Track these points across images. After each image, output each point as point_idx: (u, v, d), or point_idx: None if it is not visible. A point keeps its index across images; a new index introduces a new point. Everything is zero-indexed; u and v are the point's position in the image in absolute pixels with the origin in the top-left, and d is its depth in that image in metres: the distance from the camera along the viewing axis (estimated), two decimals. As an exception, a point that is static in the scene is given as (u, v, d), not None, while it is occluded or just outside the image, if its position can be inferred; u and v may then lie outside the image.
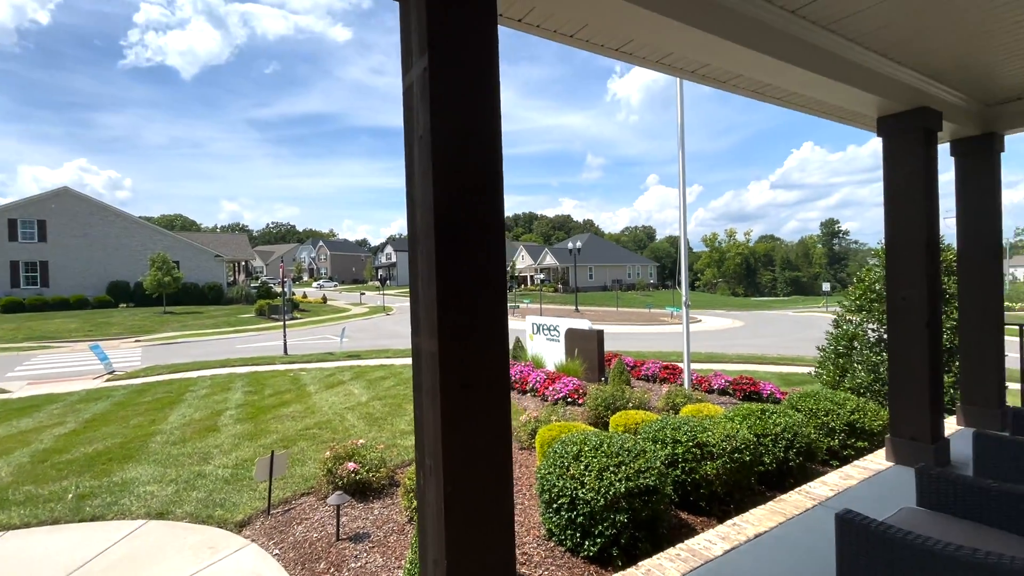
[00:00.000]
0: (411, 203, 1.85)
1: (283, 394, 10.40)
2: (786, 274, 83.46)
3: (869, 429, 5.13)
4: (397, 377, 11.92)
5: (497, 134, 1.79)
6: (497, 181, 1.78)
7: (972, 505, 2.14)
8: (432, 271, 1.68)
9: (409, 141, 1.85)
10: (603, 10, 2.31)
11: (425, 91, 1.68)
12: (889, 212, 4.06)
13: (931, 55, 3.60)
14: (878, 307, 6.41)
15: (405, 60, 1.86)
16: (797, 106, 4.14)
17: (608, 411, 6.68)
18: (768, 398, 8.43)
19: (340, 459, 4.73)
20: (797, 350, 17.76)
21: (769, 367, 13.87)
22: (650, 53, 3.11)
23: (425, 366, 1.79)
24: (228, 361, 15.20)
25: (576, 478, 3.55)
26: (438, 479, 1.72)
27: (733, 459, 4.14)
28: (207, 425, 8.02)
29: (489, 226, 1.76)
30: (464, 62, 1.72)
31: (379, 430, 7.39)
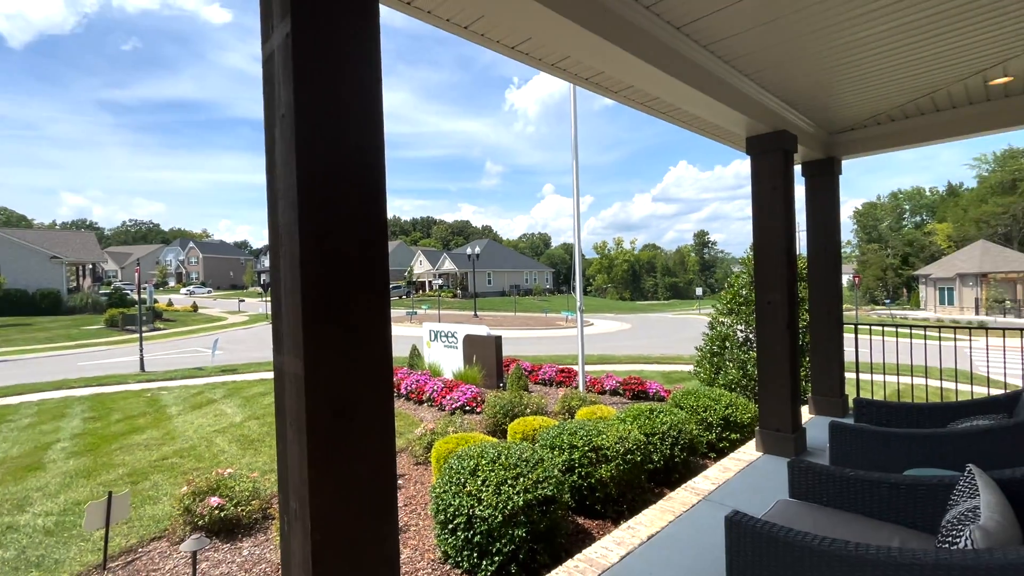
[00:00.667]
0: (272, 196, 1.54)
1: (135, 419, 8.93)
2: (666, 280, 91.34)
3: (741, 422, 5.60)
4: (280, 392, 10.85)
5: (378, 114, 1.55)
6: (378, 168, 1.54)
7: (835, 494, 2.32)
8: (296, 276, 1.40)
9: (270, 122, 1.54)
10: (500, 3, 2.18)
11: (288, 61, 1.40)
12: (756, 225, 4.45)
13: (789, 84, 3.99)
14: (745, 310, 7.10)
15: (265, 25, 1.55)
16: (681, 122, 4.39)
17: (507, 418, 6.61)
18: (654, 396, 8.97)
19: (201, 494, 4.06)
20: (676, 349, 19.35)
21: (654, 366, 14.89)
22: (547, 55, 3.05)
23: (289, 391, 1.49)
24: (66, 382, 12.80)
25: (473, 495, 3.37)
26: (304, 525, 1.43)
27: (626, 460, 4.24)
28: (28, 463, 6.58)
29: (368, 221, 1.52)
30: (338, 28, 1.46)
31: (255, 454, 6.59)
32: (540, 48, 2.98)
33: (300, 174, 1.38)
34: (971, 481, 1.87)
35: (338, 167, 1.46)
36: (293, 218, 1.41)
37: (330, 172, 1.44)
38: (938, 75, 3.91)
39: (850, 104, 4.53)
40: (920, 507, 2.08)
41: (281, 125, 1.46)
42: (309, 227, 1.40)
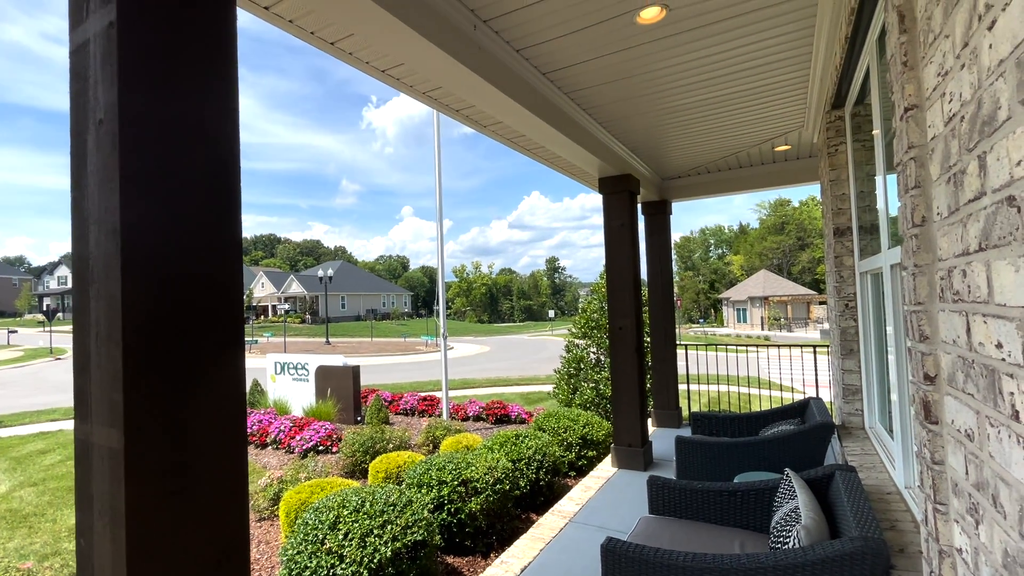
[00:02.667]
0: (80, 220, 1.21)
1: None
2: (521, 303, 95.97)
3: (596, 439, 5.99)
4: (67, 448, 8.71)
5: (233, 127, 1.32)
6: (231, 187, 1.29)
7: (686, 505, 2.56)
8: (116, 323, 1.10)
9: (79, 126, 1.22)
10: (370, 21, 2.07)
11: (111, 54, 1.12)
12: (608, 257, 4.89)
13: (631, 135, 4.51)
14: (597, 334, 7.73)
15: (76, 8, 1.24)
16: (542, 159, 4.66)
17: (367, 456, 6.16)
18: (516, 419, 9.20)
19: (-62, 605, 2.98)
20: (534, 370, 20.26)
21: (514, 388, 15.35)
22: (419, 82, 3.00)
23: (99, 470, 1.15)
24: None
25: (334, 552, 3.02)
26: (119, 648, 1.10)
27: (496, 491, 4.22)
28: None
29: (218, 255, 1.27)
30: (179, 21, 1.22)
31: (29, 533, 5.13)
32: (412, 75, 2.91)
33: (125, 193, 1.10)
34: (788, 484, 2.21)
35: (177, 189, 1.20)
36: (112, 248, 1.11)
37: (167, 192, 1.18)
38: (741, 140, 4.77)
39: (677, 157, 5.28)
40: (753, 510, 2.40)
41: (97, 132, 1.16)
42: (136, 261, 1.12)
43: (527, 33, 2.71)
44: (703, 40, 2.87)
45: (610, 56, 3.02)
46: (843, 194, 3.53)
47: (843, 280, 3.53)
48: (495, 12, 2.50)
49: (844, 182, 3.53)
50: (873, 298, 3.14)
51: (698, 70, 3.27)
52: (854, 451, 2.99)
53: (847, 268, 3.52)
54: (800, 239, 64.01)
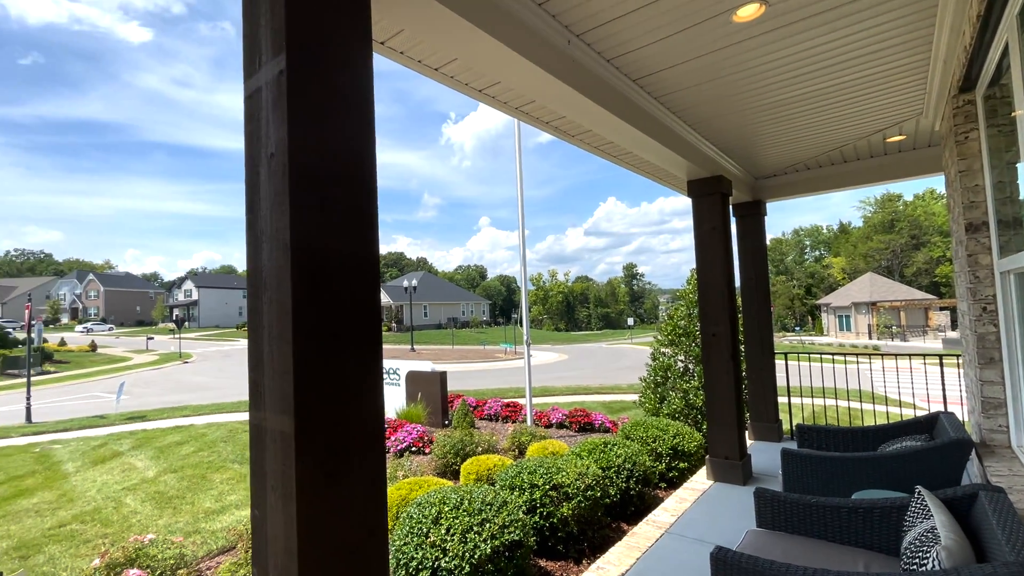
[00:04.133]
0: (255, 238, 1.44)
1: (21, 479, 7.73)
2: (598, 310, 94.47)
3: (688, 451, 5.78)
4: (199, 441, 9.87)
5: (371, 154, 1.51)
6: (371, 211, 1.49)
7: (799, 521, 2.43)
8: (287, 326, 1.29)
9: (253, 161, 1.45)
10: (476, 47, 2.22)
11: (281, 98, 1.33)
12: (699, 262, 4.74)
13: (723, 135, 4.36)
14: (685, 341, 7.46)
15: (250, 61, 1.48)
16: (629, 164, 4.64)
17: (457, 458, 6.40)
18: (600, 428, 9.09)
19: (116, 567, 3.54)
20: (613, 379, 19.86)
21: (595, 396, 15.14)
22: (513, 98, 3.14)
23: (272, 452, 1.35)
24: (-74, 439, 10.90)
25: (438, 545, 3.20)
26: (289, 605, 1.28)
27: (587, 497, 4.22)
28: None
29: (361, 266, 1.45)
30: (332, 65, 1.42)
31: (175, 513, 5.89)
32: (507, 92, 3.06)
33: (294, 216, 1.30)
34: (922, 503, 2.03)
35: (332, 210, 1.39)
36: (284, 262, 1.31)
37: (324, 215, 1.37)
38: (846, 132, 4.44)
39: (772, 155, 5.01)
40: (877, 529, 2.23)
41: (270, 164, 1.38)
42: (303, 272, 1.31)
43: (618, 43, 2.75)
44: (806, 32, 2.75)
45: (702, 58, 2.98)
46: (976, 185, 3.18)
47: (979, 281, 3.17)
48: (588, 26, 2.57)
49: (977, 172, 3.18)
50: (1019, 300, 2.80)
51: (799, 64, 3.12)
52: (999, 471, 2.66)
53: (983, 268, 3.15)
54: (914, 237, 57.35)
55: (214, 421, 11.97)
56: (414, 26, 2.06)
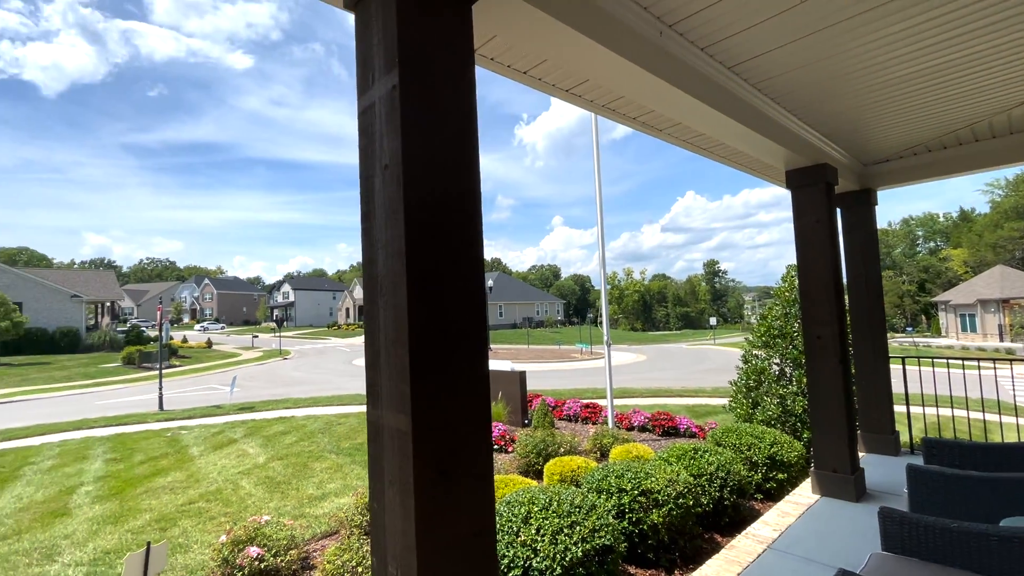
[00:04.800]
0: (370, 245, 1.52)
1: (158, 460, 8.83)
2: (677, 310, 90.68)
3: (787, 461, 5.38)
4: (300, 431, 10.71)
5: (475, 164, 1.55)
6: (476, 218, 1.53)
7: (935, 547, 2.16)
8: (403, 329, 1.36)
9: (368, 171, 1.54)
10: (566, 47, 2.21)
11: (394, 112, 1.40)
12: (801, 258, 4.39)
13: (828, 119, 4.00)
14: (781, 343, 6.95)
15: (363, 78, 1.57)
16: (720, 157, 4.40)
17: (539, 458, 6.42)
18: (685, 433, 8.72)
19: (240, 543, 3.93)
20: (696, 381, 18.97)
21: (677, 399, 14.55)
22: (600, 96, 3.09)
23: (389, 449, 1.43)
24: (85, 422, 12.76)
25: (528, 545, 3.22)
26: (408, 595, 1.34)
27: (678, 504, 4.06)
28: (53, 508, 6.48)
29: (469, 271, 1.49)
30: (441, 79, 1.47)
31: (283, 498, 6.44)
32: (595, 90, 3.02)
33: (408, 224, 1.36)
34: (1102, 536, 1.73)
35: (442, 217, 1.44)
36: (399, 268, 1.38)
37: (435, 222, 1.42)
38: (978, 108, 3.91)
39: (885, 138, 4.53)
40: (1038, 564, 1.93)
41: (384, 175, 1.46)
42: (416, 277, 1.37)
43: (713, 30, 2.62)
44: (927, 1, 2.45)
45: (805, 39, 2.75)
46: None
47: None
48: (681, 15, 2.47)
49: None
50: None
51: (920, 36, 2.78)
52: None
53: None
54: (1058, 223, 49.35)
55: (311, 414, 12.94)
56: (506, 31, 2.08)
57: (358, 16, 1.62)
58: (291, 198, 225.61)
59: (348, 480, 7.08)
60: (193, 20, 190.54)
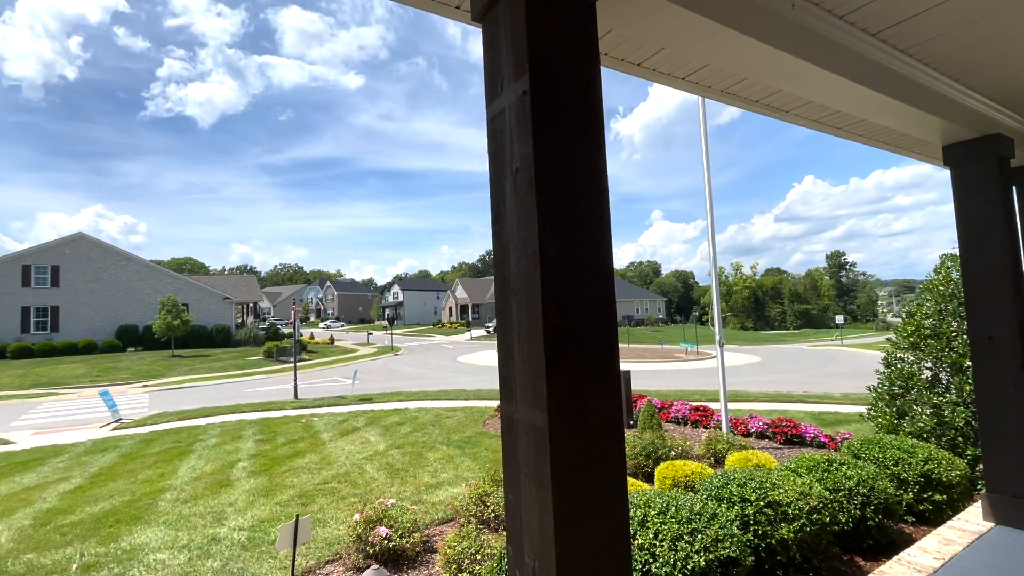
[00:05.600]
0: (501, 247, 1.59)
1: (296, 443, 9.95)
2: (795, 307, 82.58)
3: (947, 481, 4.66)
4: (413, 423, 11.44)
5: (602, 163, 1.54)
6: (605, 217, 1.52)
7: None
8: (537, 327, 1.39)
9: (498, 176, 1.61)
10: (685, 32, 2.11)
11: (525, 117, 1.44)
12: (964, 245, 3.78)
13: (1000, 82, 3.40)
14: (934, 344, 6.02)
15: (491, 86, 1.64)
16: (857, 135, 3.93)
17: (649, 461, 6.23)
18: (813, 442, 7.93)
19: (371, 523, 4.31)
20: (822, 386, 17.16)
21: (798, 405, 13.28)
22: (719, 81, 2.92)
23: (524, 443, 1.48)
24: (238, 407, 14.78)
25: (646, 549, 3.14)
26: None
27: (811, 520, 3.71)
28: (219, 479, 7.59)
29: (600, 271, 1.49)
30: (569, 82, 1.48)
31: (402, 484, 6.93)
32: (714, 75, 2.85)
33: (541, 225, 1.40)
34: None
35: (572, 217, 1.45)
36: (532, 269, 1.42)
37: (565, 222, 1.44)
38: None
39: (1083, 95, 3.73)
40: None
41: (514, 179, 1.51)
42: (549, 277, 1.40)
43: (855, -7, 2.35)
44: None
45: (974, -11, 2.36)
46: None
47: None
48: (817, -18, 2.25)
49: None
50: None
51: None
52: None
53: None
54: None
55: (422, 407, 13.76)
56: (624, 24, 2.04)
57: (485, 28, 1.69)
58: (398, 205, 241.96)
59: (459, 471, 7.42)
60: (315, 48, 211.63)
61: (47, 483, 7.83)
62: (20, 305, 32.98)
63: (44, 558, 4.96)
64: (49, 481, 7.95)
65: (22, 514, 6.38)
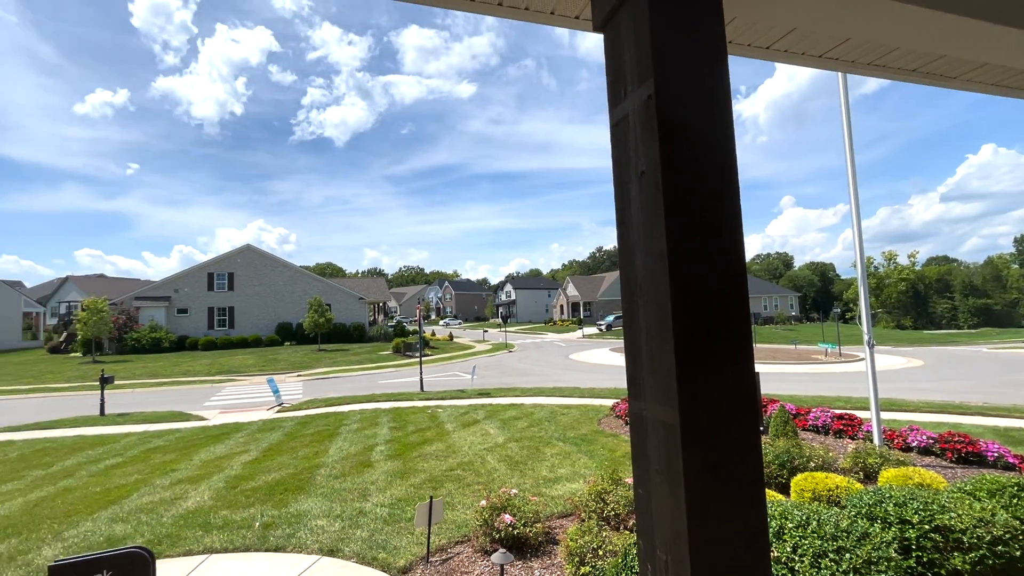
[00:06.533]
0: (627, 249, 1.63)
1: (424, 431, 10.79)
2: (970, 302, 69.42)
3: None
4: (529, 418, 11.77)
5: (732, 161, 1.51)
6: (735, 215, 1.50)
7: None
8: (667, 327, 1.42)
9: (622, 179, 1.65)
10: (818, 8, 1.96)
11: (651, 120, 1.48)
12: None
13: None
14: None
15: (614, 92, 1.69)
16: (1055, 96, 3.26)
17: (783, 470, 5.75)
18: (996, 462, 6.70)
19: (496, 510, 4.57)
20: (1007, 396, 14.32)
21: (974, 418, 11.25)
22: (864, 55, 2.64)
23: (655, 440, 1.51)
24: (373, 396, 16.40)
25: (783, 563, 2.95)
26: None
27: (995, 553, 3.18)
28: (361, 460, 8.53)
29: (730, 268, 1.47)
30: (695, 82, 1.49)
31: (521, 475, 7.19)
32: (856, 49, 2.57)
33: (668, 227, 1.42)
34: None
35: (700, 216, 1.45)
36: (659, 269, 1.45)
37: (694, 221, 1.44)
38: None
39: None
40: None
41: (640, 182, 1.54)
42: (678, 277, 1.42)
43: (1048, -68, 1.98)
44: None
45: None
46: None
47: None
48: (993, -73, 1.94)
49: None
50: None
51: None
52: None
53: None
54: None
55: (537, 403, 14.08)
56: (748, 10, 1.97)
57: (607, 36, 1.75)
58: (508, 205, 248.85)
59: (576, 467, 7.50)
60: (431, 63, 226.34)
61: (232, 454, 9.44)
62: (207, 306, 39.93)
63: (235, 515, 6.01)
64: (234, 452, 9.57)
65: (217, 478, 7.78)
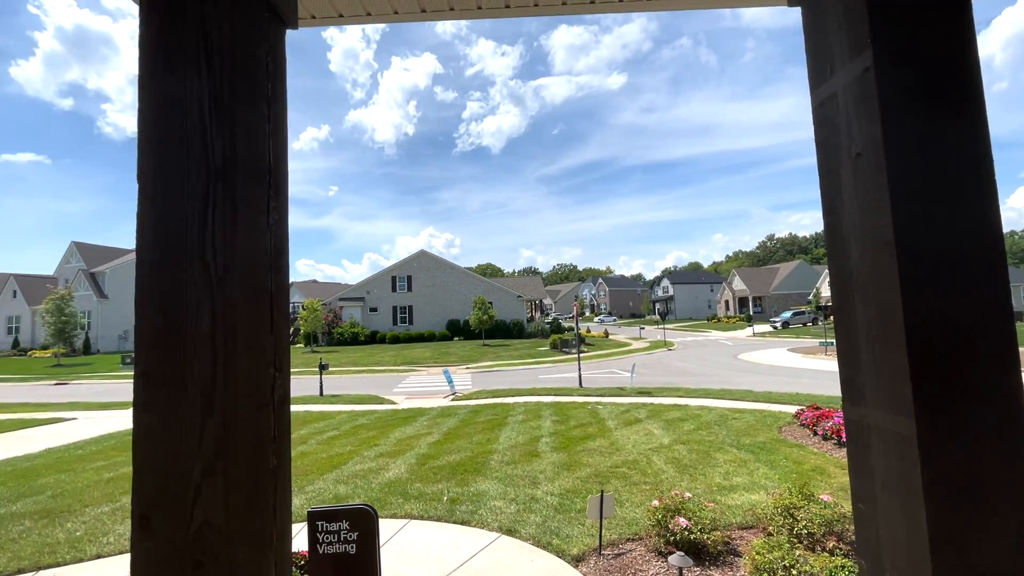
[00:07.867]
0: (837, 238, 1.49)
1: (586, 426, 10.93)
2: None
3: None
4: (696, 420, 11.12)
5: (982, 131, 1.28)
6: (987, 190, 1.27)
7: None
8: (895, 325, 1.27)
9: (830, 165, 1.51)
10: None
11: (868, 97, 1.33)
12: None
13: None
14: None
15: (817, 70, 1.55)
16: None
17: None
18: None
19: (669, 511, 4.46)
20: None
21: None
22: None
23: (880, 450, 1.36)
24: (534, 390, 17.14)
25: None
26: (920, 611, 1.24)
27: None
28: (529, 450, 9.00)
29: (981, 255, 1.25)
30: (926, 48, 1.30)
31: (691, 480, 6.86)
32: None
33: (895, 213, 1.27)
34: None
35: (937, 198, 1.26)
36: (884, 260, 1.30)
37: (928, 206, 1.26)
38: None
39: None
40: None
41: (855, 164, 1.40)
42: (908, 269, 1.25)
43: None
44: None
45: None
46: None
47: None
48: None
49: None
50: None
51: None
52: None
53: None
54: None
55: (704, 404, 13.21)
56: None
57: (806, 9, 1.62)
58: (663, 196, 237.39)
59: (754, 477, 6.88)
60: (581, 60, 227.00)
61: (419, 435, 10.75)
62: (391, 305, 45.97)
63: (426, 488, 6.86)
64: (420, 434, 10.89)
65: (409, 455, 8.95)
